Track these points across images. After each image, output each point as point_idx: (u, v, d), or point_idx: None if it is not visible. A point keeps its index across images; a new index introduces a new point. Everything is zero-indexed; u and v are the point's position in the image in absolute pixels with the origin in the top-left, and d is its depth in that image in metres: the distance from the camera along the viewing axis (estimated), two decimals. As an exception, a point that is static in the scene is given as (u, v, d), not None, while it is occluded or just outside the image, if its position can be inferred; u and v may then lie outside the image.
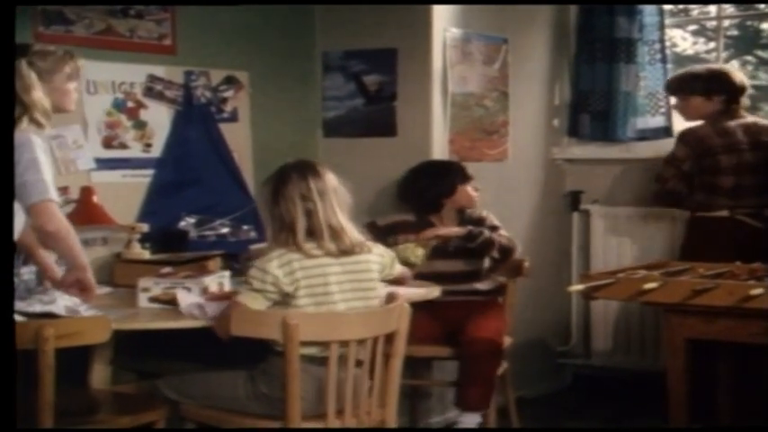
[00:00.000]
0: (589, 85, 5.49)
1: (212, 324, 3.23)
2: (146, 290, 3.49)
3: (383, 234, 4.45)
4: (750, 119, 4.78)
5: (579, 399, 5.46)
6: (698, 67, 5.00)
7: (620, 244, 5.47)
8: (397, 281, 3.65)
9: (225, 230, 4.70)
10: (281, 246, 3.24)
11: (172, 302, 3.40)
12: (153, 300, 3.46)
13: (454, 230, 4.44)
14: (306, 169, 3.31)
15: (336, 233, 3.27)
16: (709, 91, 4.74)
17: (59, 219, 3.25)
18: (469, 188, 4.58)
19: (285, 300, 3.21)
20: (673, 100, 5.06)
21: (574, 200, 5.64)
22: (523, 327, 5.02)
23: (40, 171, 3.20)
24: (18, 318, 3.00)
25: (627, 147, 5.49)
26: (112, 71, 4.46)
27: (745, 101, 4.85)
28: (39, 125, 3.31)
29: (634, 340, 5.46)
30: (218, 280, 3.63)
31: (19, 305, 3.18)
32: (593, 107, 5.50)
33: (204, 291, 3.48)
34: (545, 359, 5.59)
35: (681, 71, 5.05)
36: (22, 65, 3.31)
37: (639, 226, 5.39)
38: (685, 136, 4.77)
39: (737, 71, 4.93)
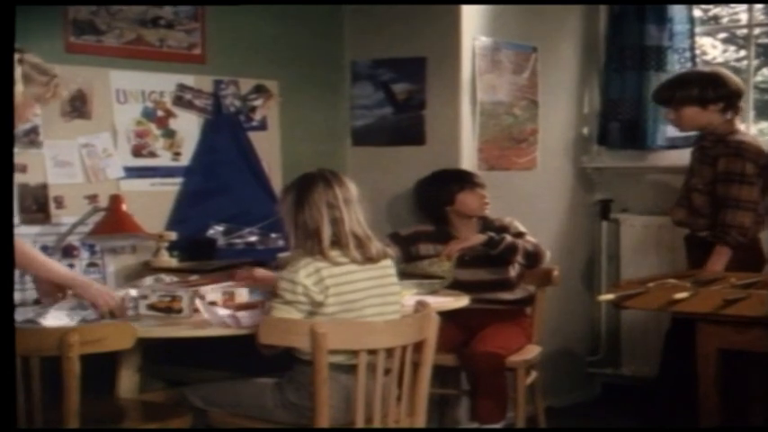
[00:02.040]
0: (619, 93, 5.46)
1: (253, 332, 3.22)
2: (144, 297, 3.41)
3: (406, 244, 4.45)
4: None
5: (608, 409, 5.42)
6: (688, 73, 4.75)
7: (649, 253, 5.43)
8: None
9: (253, 239, 4.70)
10: (306, 254, 3.24)
11: (169, 310, 3.37)
12: (150, 307, 3.41)
13: (474, 240, 4.41)
14: (331, 178, 3.31)
15: (361, 241, 3.27)
16: (704, 99, 4.35)
17: None
18: (474, 196, 4.55)
19: (316, 309, 3.20)
20: (663, 110, 4.73)
21: (603, 209, 5.61)
22: (553, 336, 5.00)
23: None
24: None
25: (657, 155, 5.46)
26: (142, 80, 4.47)
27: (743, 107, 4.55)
28: None
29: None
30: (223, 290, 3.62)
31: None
32: (622, 115, 5.47)
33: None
34: (574, 369, 5.56)
35: (669, 78, 4.80)
36: (13, 59, 3.31)
37: (670, 235, 5.35)
38: (746, 151, 4.24)
39: (732, 74, 4.53)
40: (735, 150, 4.22)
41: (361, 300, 3.25)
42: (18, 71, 3.32)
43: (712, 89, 4.33)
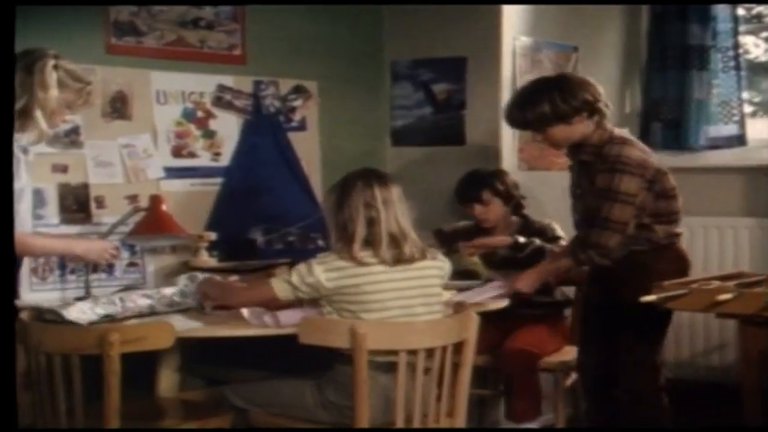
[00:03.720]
0: (661, 92, 5.42)
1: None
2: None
3: (449, 240, 4.43)
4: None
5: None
6: (530, 88, 3.96)
7: (692, 254, 5.36)
8: None
9: (292, 239, 4.70)
10: (335, 252, 3.25)
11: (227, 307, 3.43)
12: (216, 307, 3.48)
13: (498, 240, 4.37)
14: (371, 177, 3.31)
15: (396, 242, 3.26)
16: (561, 115, 3.80)
17: None
18: (473, 210, 4.52)
19: (332, 305, 3.23)
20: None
21: (645, 209, 5.56)
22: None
23: None
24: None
25: (699, 155, 5.41)
26: (182, 81, 4.49)
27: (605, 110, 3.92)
28: (33, 123, 3.32)
29: (706, 352, 5.37)
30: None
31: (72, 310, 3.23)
32: (664, 115, 5.42)
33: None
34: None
35: (512, 98, 4.13)
36: (49, 64, 3.34)
37: (712, 235, 5.30)
38: (625, 165, 3.75)
39: (576, 76, 4.09)
40: (611, 166, 3.74)
41: (388, 300, 3.23)
42: (53, 77, 3.34)
43: (563, 102, 3.78)
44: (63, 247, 3.63)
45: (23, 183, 3.34)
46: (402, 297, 3.25)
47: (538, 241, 4.35)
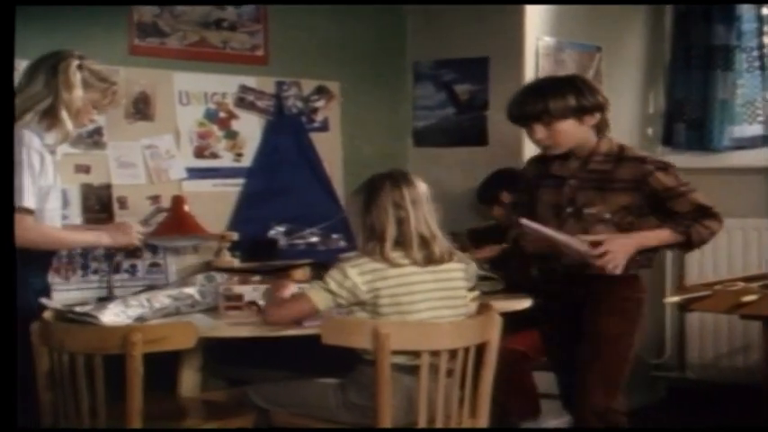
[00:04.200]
0: (684, 93, 5.40)
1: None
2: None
3: (480, 240, 4.43)
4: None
5: (673, 412, 5.36)
6: (552, 80, 3.86)
7: (715, 255, 5.35)
8: None
9: (314, 239, 4.70)
10: (367, 254, 3.23)
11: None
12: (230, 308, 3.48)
13: (486, 252, 4.31)
14: (399, 178, 3.30)
15: (426, 242, 3.25)
16: (584, 109, 3.56)
17: (23, 231, 3.16)
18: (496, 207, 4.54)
19: (364, 308, 3.20)
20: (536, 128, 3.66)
21: (668, 210, 5.54)
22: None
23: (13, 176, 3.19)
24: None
25: (723, 156, 5.38)
26: (205, 82, 4.50)
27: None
28: (59, 122, 3.35)
29: (730, 353, 5.34)
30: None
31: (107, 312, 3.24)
32: (688, 115, 5.40)
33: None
34: (639, 372, 5.45)
35: (527, 87, 3.79)
36: (74, 64, 3.36)
37: (736, 237, 5.27)
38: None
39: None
40: (661, 165, 3.61)
41: (419, 302, 3.23)
42: (77, 77, 3.36)
43: (589, 95, 3.58)
44: (93, 238, 3.66)
45: (51, 182, 3.36)
46: (430, 299, 3.24)
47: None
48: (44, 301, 3.30)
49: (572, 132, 3.57)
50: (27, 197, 3.22)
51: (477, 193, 4.63)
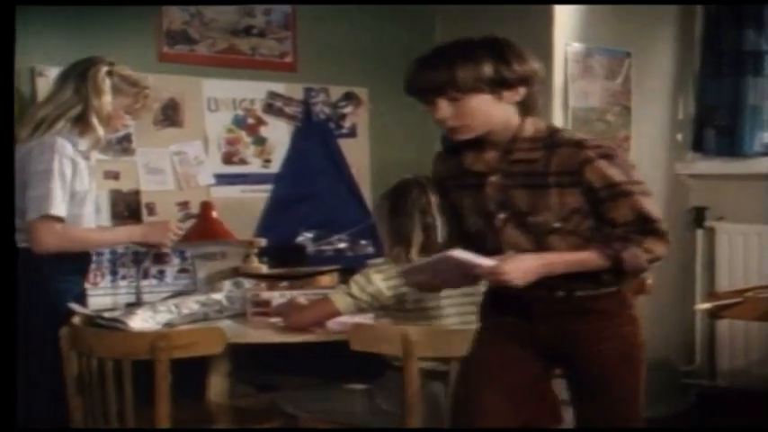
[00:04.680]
0: (715, 99, 5.35)
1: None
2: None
3: None
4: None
5: (704, 420, 5.31)
6: (454, 45, 2.79)
7: (746, 262, 5.30)
8: None
9: (342, 245, 4.70)
10: (392, 260, 3.23)
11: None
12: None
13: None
14: (426, 184, 3.29)
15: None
16: (502, 83, 2.70)
17: (52, 238, 3.26)
18: None
19: (387, 313, 3.19)
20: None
21: (698, 216, 5.50)
22: (646, 346, 4.90)
23: (44, 183, 3.24)
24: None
25: (753, 162, 5.33)
26: (233, 88, 4.51)
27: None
28: (91, 128, 3.37)
29: (761, 361, 5.30)
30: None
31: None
32: (718, 121, 5.35)
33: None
34: (669, 379, 5.45)
35: (433, 54, 2.82)
36: (102, 71, 3.39)
37: (767, 243, 5.23)
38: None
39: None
40: (606, 152, 2.68)
41: (445, 308, 3.22)
42: (107, 83, 3.39)
43: (515, 63, 2.71)
44: (124, 234, 3.71)
45: (87, 186, 3.39)
46: (456, 304, 3.23)
47: None
48: (73, 306, 3.31)
49: (486, 111, 2.70)
50: (56, 204, 3.25)
51: None
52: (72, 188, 3.30)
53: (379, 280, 3.18)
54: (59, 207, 3.26)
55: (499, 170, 2.73)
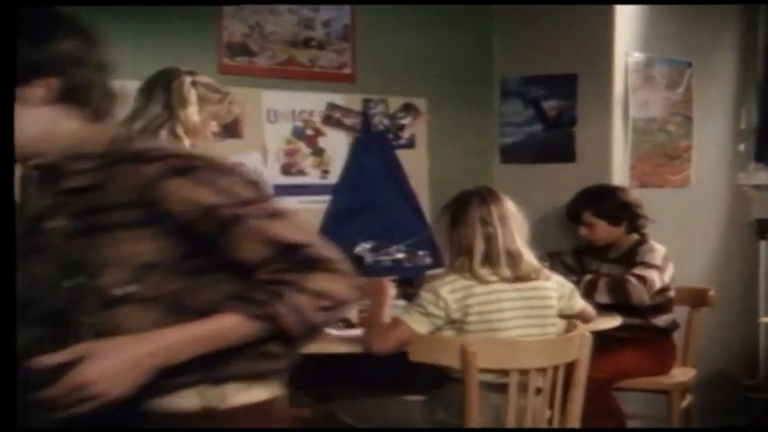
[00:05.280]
0: (778, 108, 5.30)
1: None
2: None
3: (578, 257, 4.42)
4: None
5: (768, 435, 5.24)
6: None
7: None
8: (580, 317, 3.48)
9: (401, 256, 4.70)
10: (455, 271, 3.22)
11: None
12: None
13: None
14: (486, 195, 3.29)
15: (514, 259, 3.23)
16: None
17: None
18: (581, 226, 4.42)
19: (452, 326, 3.17)
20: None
21: (761, 228, 5.43)
22: (709, 359, 4.85)
23: None
24: None
25: (818, 173, 5.27)
26: (293, 100, 4.53)
27: None
28: (177, 138, 3.39)
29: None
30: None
31: None
32: (781, 131, 5.30)
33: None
34: (732, 393, 5.38)
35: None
36: (187, 81, 3.41)
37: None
38: None
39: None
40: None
41: (508, 320, 3.20)
42: (192, 93, 3.42)
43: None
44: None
45: None
46: (519, 317, 3.21)
47: (588, 277, 4.20)
48: None
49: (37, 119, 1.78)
50: None
51: (566, 211, 4.58)
52: None
53: (447, 292, 3.16)
54: None
55: (58, 209, 1.82)
